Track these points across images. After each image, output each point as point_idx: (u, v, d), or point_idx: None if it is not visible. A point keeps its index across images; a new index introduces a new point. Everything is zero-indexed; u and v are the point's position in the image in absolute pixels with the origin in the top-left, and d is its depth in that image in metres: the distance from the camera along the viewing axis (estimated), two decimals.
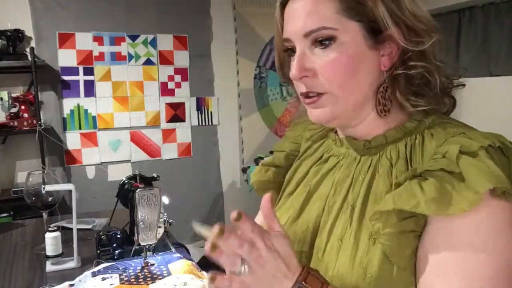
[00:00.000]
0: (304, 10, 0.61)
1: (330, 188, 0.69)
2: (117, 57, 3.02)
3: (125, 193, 1.29)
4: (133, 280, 1.07)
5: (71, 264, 1.23)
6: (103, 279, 1.07)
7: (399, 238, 0.55)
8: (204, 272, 1.13)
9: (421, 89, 0.62)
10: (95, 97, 2.98)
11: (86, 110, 2.97)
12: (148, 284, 1.05)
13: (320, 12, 0.60)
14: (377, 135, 0.65)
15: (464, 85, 0.68)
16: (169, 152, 3.22)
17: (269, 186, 0.82)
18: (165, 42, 3.11)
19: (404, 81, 0.61)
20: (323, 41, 0.60)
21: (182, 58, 3.15)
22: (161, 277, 1.09)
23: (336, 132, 0.74)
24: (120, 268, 1.13)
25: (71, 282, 1.07)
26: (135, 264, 1.17)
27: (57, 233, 1.24)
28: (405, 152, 0.62)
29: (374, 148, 0.65)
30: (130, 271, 1.12)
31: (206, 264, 1.12)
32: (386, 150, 0.64)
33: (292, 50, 0.64)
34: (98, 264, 1.18)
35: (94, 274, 1.10)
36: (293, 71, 0.62)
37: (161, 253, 1.25)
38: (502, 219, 0.53)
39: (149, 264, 1.15)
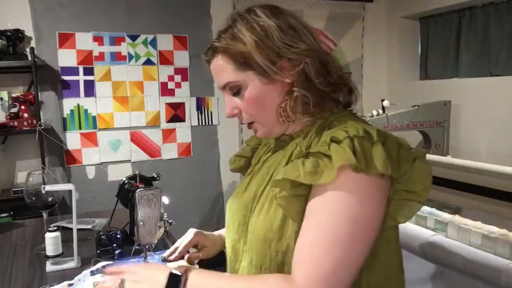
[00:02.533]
0: (215, 72, 0.87)
1: (266, 170, 0.90)
2: (117, 57, 3.02)
3: (125, 193, 1.29)
4: None
5: (71, 264, 1.23)
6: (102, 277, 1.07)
7: (292, 199, 0.75)
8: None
9: (305, 107, 0.81)
10: (95, 97, 2.98)
11: (86, 110, 2.97)
12: None
13: (224, 72, 0.84)
14: (297, 131, 0.87)
15: (350, 73, 0.89)
16: (169, 152, 3.22)
17: (242, 171, 1.08)
18: (165, 42, 3.11)
19: (293, 102, 0.81)
20: (234, 91, 0.85)
21: (182, 58, 3.15)
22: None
23: None
24: None
25: (70, 282, 1.06)
26: (134, 264, 1.16)
27: (57, 233, 1.24)
28: (308, 141, 0.82)
29: (296, 138, 0.87)
30: None
31: (205, 264, 1.12)
32: (293, 143, 0.87)
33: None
34: (96, 262, 1.17)
35: (93, 273, 1.10)
36: (227, 111, 0.88)
37: (160, 252, 1.24)
38: (354, 187, 0.71)
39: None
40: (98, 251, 1.28)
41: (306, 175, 0.71)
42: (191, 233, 1.15)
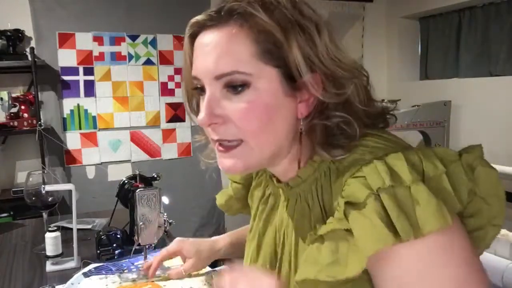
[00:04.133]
0: (216, 48, 0.54)
1: (274, 235, 0.69)
2: (117, 57, 3.02)
3: (125, 193, 1.29)
4: (134, 279, 1.07)
5: (71, 264, 1.23)
6: (100, 279, 1.07)
7: None
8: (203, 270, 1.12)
9: (338, 139, 0.56)
10: (95, 97, 2.98)
11: (86, 110, 2.97)
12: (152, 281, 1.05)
13: (234, 54, 0.54)
14: (292, 177, 0.63)
15: (395, 117, 0.64)
16: (169, 152, 3.22)
17: (232, 202, 0.86)
18: (165, 42, 3.11)
19: (321, 132, 0.57)
20: (236, 86, 0.54)
21: (182, 58, 3.14)
22: (160, 276, 1.09)
23: None
24: (113, 269, 1.13)
25: (63, 286, 1.06)
26: (126, 264, 1.17)
27: (57, 233, 1.24)
28: (317, 195, 0.60)
29: (295, 187, 0.63)
30: (127, 270, 1.12)
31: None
32: (305, 192, 0.62)
33: (201, 89, 0.59)
34: (86, 264, 1.17)
35: (86, 275, 1.09)
36: (202, 117, 0.56)
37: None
38: (407, 267, 0.49)
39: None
40: (98, 251, 1.28)
41: (327, 269, 0.50)
42: (173, 243, 1.03)
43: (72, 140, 2.94)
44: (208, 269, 1.09)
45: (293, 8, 0.54)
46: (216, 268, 1.10)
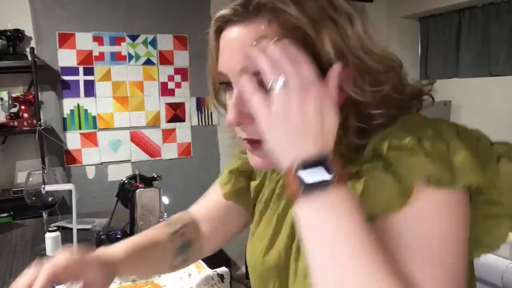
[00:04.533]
0: (244, 45, 0.52)
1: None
2: (117, 57, 3.02)
3: (125, 193, 1.29)
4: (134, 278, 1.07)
5: None
6: None
7: None
8: (203, 263, 1.12)
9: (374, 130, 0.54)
10: (95, 97, 2.98)
11: (86, 110, 2.97)
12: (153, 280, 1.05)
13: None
14: None
15: (433, 98, 0.62)
16: (169, 152, 3.22)
17: (244, 193, 0.80)
18: (165, 42, 3.11)
19: (353, 128, 0.54)
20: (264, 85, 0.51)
21: (182, 58, 3.15)
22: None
23: None
24: None
25: (63, 286, 1.06)
26: None
27: (57, 233, 1.24)
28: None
29: None
30: None
31: (205, 262, 1.12)
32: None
33: (228, 84, 0.57)
34: None
35: None
36: (230, 117, 0.54)
37: None
38: (439, 206, 0.49)
39: None
40: None
41: (365, 206, 0.49)
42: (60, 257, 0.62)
43: (72, 140, 2.94)
44: (208, 270, 1.09)
45: (325, 0, 0.52)
46: (217, 270, 1.09)
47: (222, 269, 1.08)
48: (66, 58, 2.87)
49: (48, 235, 1.23)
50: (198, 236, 0.85)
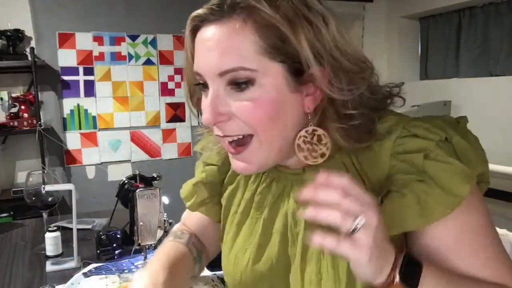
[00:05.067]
0: (218, 44, 0.53)
1: (287, 219, 0.64)
2: (117, 57, 3.02)
3: (125, 193, 1.29)
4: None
5: (71, 264, 1.23)
6: (100, 279, 1.07)
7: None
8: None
9: (358, 131, 0.56)
10: (95, 97, 2.98)
11: (86, 110, 2.97)
12: None
13: (238, 50, 0.52)
14: (293, 164, 0.62)
15: (404, 99, 0.64)
16: (169, 152, 3.22)
17: (206, 203, 0.80)
18: (165, 42, 3.11)
19: (336, 128, 0.56)
20: (240, 83, 0.53)
21: (182, 58, 3.14)
22: None
23: None
24: (113, 269, 1.13)
25: (63, 286, 1.06)
26: (126, 264, 1.16)
27: (57, 233, 1.24)
28: (354, 167, 0.58)
29: (319, 166, 0.59)
30: (127, 270, 1.12)
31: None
32: (331, 167, 0.58)
33: (203, 85, 0.57)
34: (87, 265, 1.17)
35: (86, 275, 1.09)
36: (207, 116, 0.55)
37: None
38: (477, 201, 0.56)
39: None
40: (98, 251, 1.28)
41: (415, 219, 0.53)
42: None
43: (72, 140, 2.94)
44: (208, 272, 1.09)
45: (299, 1, 0.53)
46: (217, 272, 1.09)
47: (222, 273, 1.08)
48: (66, 58, 2.87)
49: (48, 235, 1.23)
50: (203, 245, 0.85)
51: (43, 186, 1.26)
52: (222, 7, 0.53)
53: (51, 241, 1.22)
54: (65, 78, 2.88)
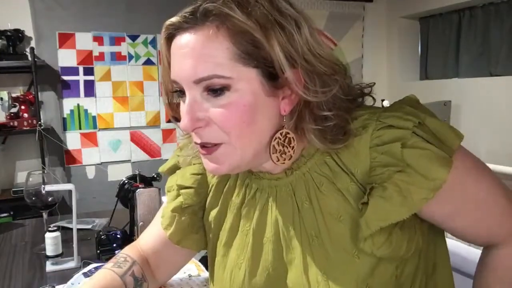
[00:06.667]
0: (192, 51, 0.54)
1: (278, 226, 0.64)
2: (117, 57, 3.02)
3: (125, 193, 1.29)
4: None
5: (71, 264, 1.23)
6: None
7: (391, 238, 0.57)
8: (202, 266, 1.12)
9: (332, 132, 0.58)
10: (95, 97, 2.98)
11: (86, 110, 2.97)
12: None
13: (212, 57, 0.53)
14: (288, 165, 0.62)
15: (374, 99, 0.66)
16: (169, 152, 3.22)
17: (189, 231, 0.77)
18: None
19: (312, 130, 0.57)
20: (215, 90, 0.54)
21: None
22: None
23: None
24: None
25: (63, 286, 1.06)
26: None
27: (57, 233, 1.24)
28: (336, 163, 0.60)
29: (297, 170, 0.63)
30: None
31: (206, 263, 1.12)
32: (314, 167, 0.61)
33: (181, 92, 0.58)
34: (86, 264, 1.17)
35: (86, 275, 1.09)
36: (185, 122, 0.56)
37: None
38: (465, 169, 0.58)
39: None
40: (98, 251, 1.28)
41: (399, 210, 0.55)
42: None
43: (72, 140, 2.94)
44: (207, 272, 1.09)
45: (271, 6, 0.54)
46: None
47: None
48: (66, 58, 2.87)
49: (48, 235, 1.23)
50: (149, 271, 0.82)
51: (43, 186, 1.26)
52: (195, 14, 0.54)
53: (51, 241, 1.22)
54: (65, 78, 2.88)
